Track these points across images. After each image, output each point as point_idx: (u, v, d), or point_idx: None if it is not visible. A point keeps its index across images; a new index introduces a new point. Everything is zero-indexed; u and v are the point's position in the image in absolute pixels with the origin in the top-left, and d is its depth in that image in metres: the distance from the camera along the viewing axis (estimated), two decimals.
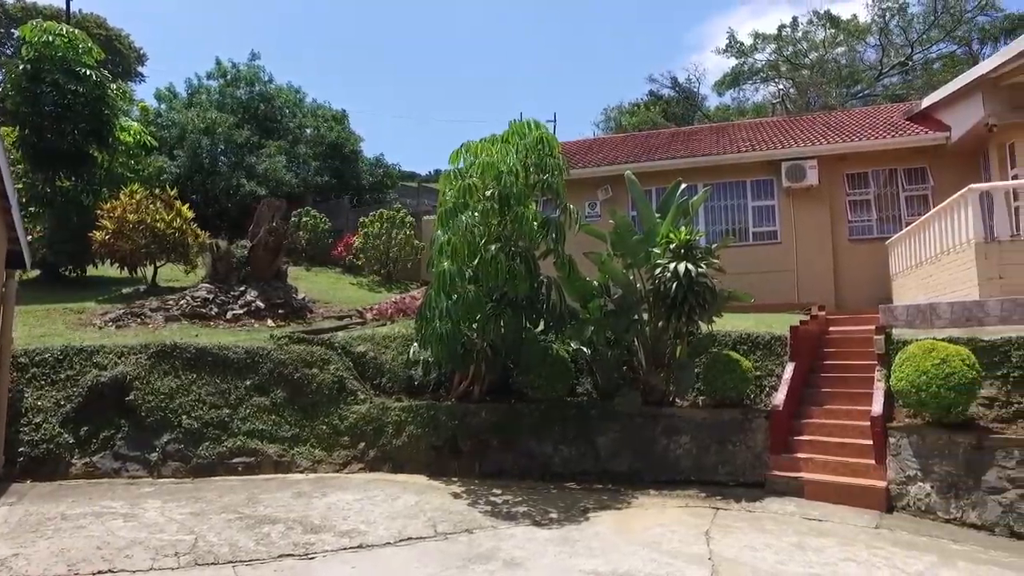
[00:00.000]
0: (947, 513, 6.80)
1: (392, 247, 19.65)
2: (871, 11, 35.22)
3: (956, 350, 7.05)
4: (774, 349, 9.29)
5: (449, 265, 8.14)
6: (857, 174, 14.90)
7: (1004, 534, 6.38)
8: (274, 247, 13.57)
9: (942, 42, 33.97)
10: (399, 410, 9.38)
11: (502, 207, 8.11)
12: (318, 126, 27.91)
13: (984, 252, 8.93)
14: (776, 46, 36.69)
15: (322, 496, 7.68)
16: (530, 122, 8.60)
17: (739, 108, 38.51)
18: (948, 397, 6.80)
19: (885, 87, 34.49)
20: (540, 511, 7.14)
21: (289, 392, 9.59)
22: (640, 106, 39.42)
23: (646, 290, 8.73)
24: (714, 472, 8.25)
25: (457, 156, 8.65)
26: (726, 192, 15.47)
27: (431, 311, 8.52)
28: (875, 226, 14.66)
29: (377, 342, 10.66)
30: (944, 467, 6.89)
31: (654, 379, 8.78)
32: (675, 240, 8.20)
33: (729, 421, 8.32)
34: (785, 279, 14.44)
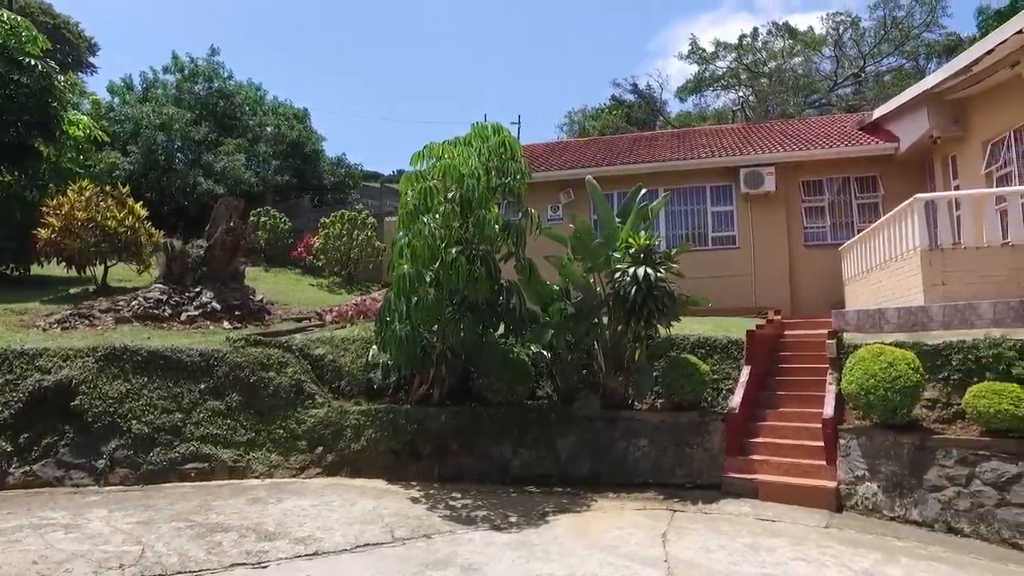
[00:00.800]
0: (892, 511, 7.02)
1: (353, 248, 19.42)
2: (826, 24, 36.29)
3: (902, 354, 7.29)
4: (731, 353, 9.46)
5: (409, 268, 8.09)
6: (812, 181, 15.30)
7: (942, 530, 6.63)
8: (232, 247, 13.28)
9: (892, 56, 35.18)
10: (358, 414, 9.26)
11: (463, 210, 8.09)
12: (279, 124, 27.42)
13: (929, 259, 9.24)
14: (736, 54, 37.44)
15: (278, 502, 7.53)
16: (493, 125, 8.60)
17: (701, 114, 39.17)
18: (894, 400, 7.03)
19: (839, 97, 35.53)
20: (499, 515, 7.13)
21: (245, 396, 9.38)
22: (604, 110, 39.79)
23: (606, 294, 8.82)
24: (672, 474, 8.36)
25: (419, 158, 8.59)
26: (687, 197, 15.72)
27: (391, 314, 8.45)
28: (829, 232, 15.06)
29: (336, 345, 10.51)
30: (890, 467, 7.12)
31: (613, 382, 8.86)
32: (635, 245, 8.29)
33: (687, 424, 8.45)
34: (743, 283, 14.74)
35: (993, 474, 6.45)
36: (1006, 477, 6.37)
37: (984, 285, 8.92)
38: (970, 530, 6.47)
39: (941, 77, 11.66)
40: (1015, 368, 6.91)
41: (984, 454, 6.55)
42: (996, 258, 9.04)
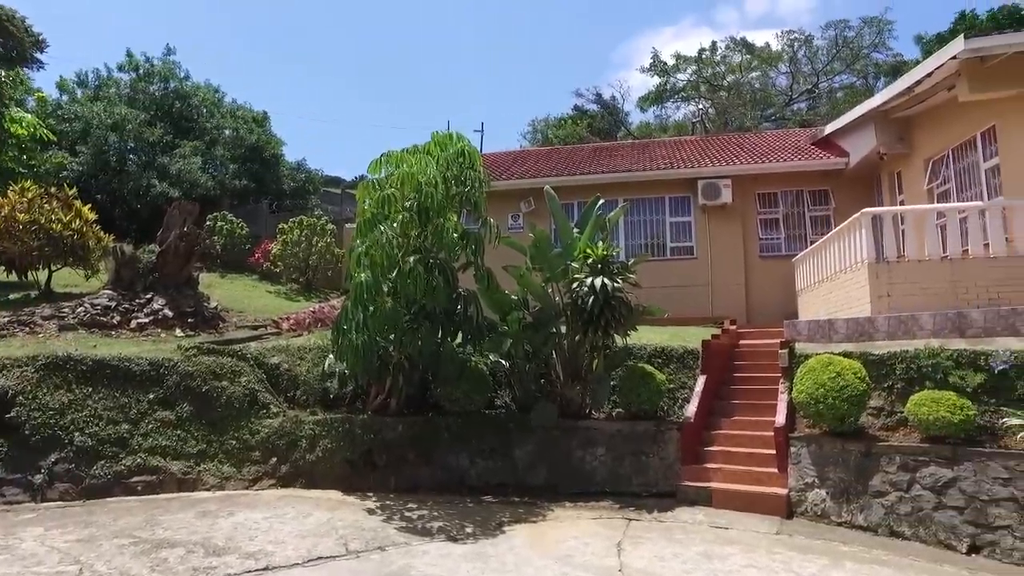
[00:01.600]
0: (839, 517, 7.22)
1: (312, 255, 19.13)
2: (781, 40, 37.34)
3: (850, 364, 7.51)
4: (687, 362, 9.61)
5: (366, 276, 8.01)
6: (768, 194, 15.68)
7: (885, 534, 6.85)
8: (185, 252, 12.94)
9: (843, 74, 36.41)
10: (313, 424, 9.11)
11: (421, 219, 8.06)
12: (237, 127, 26.86)
13: (875, 272, 9.56)
14: (697, 68, 38.23)
15: (229, 515, 7.34)
16: (453, 134, 8.60)
17: (661, 125, 39.84)
18: (842, 408, 7.23)
19: (794, 112, 36.56)
20: (456, 526, 7.09)
21: (197, 406, 9.13)
22: (567, 120, 40.13)
23: (564, 304, 8.87)
24: (628, 483, 8.43)
25: (377, 166, 8.53)
26: (646, 208, 15.94)
27: (347, 322, 8.34)
28: (783, 244, 15.44)
29: (292, 353, 10.34)
30: (838, 474, 7.32)
31: (571, 392, 8.91)
32: (592, 255, 8.37)
33: (643, 433, 8.54)
34: (700, 293, 14.99)
35: (931, 479, 6.69)
36: (943, 481, 6.62)
37: (926, 297, 9.28)
38: (910, 533, 6.70)
39: (887, 96, 12.11)
40: (952, 376, 7.18)
41: (924, 460, 6.79)
42: (936, 271, 9.41)
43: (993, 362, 7.02)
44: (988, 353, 7.16)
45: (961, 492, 6.50)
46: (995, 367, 6.99)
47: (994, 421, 6.80)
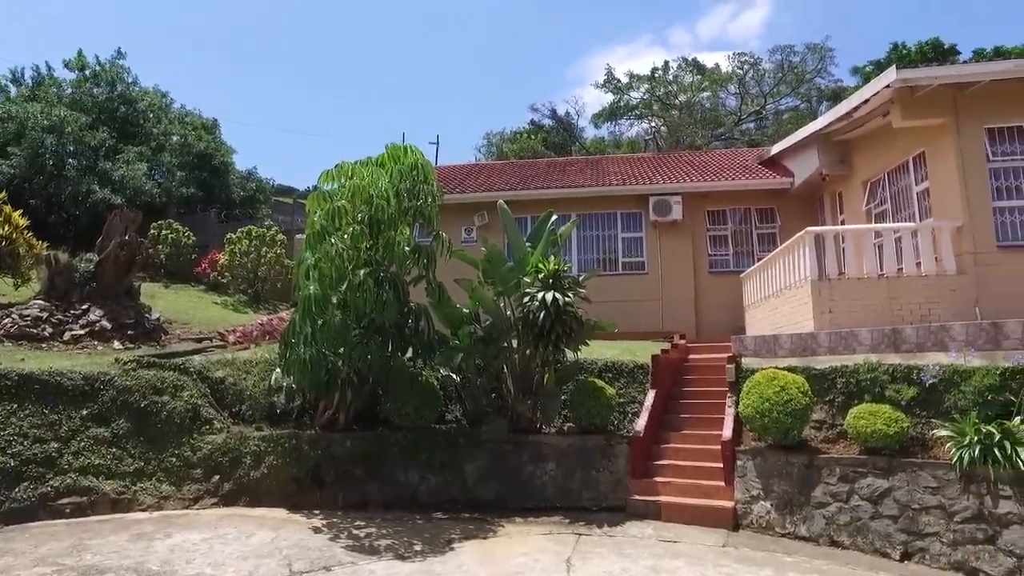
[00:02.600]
0: (783, 528, 7.38)
1: (261, 266, 18.72)
2: (731, 62, 38.59)
3: (793, 378, 7.71)
4: (637, 377, 9.71)
5: (315, 289, 7.87)
6: (717, 211, 16.06)
7: (826, 543, 7.03)
8: (126, 262, 12.48)
9: (789, 97, 37.85)
10: (259, 439, 8.85)
11: (373, 232, 7.97)
12: (186, 134, 26.15)
13: (818, 289, 9.89)
14: (650, 86, 39.13)
15: (165, 537, 7.04)
16: (406, 147, 8.55)
17: (615, 141, 40.55)
18: (786, 422, 7.41)
19: (743, 132, 37.74)
20: (404, 543, 6.97)
21: (134, 422, 8.77)
22: (522, 134, 40.48)
23: (516, 318, 8.88)
24: (578, 497, 8.44)
25: (328, 177, 8.41)
26: (598, 223, 16.12)
27: (295, 336, 8.18)
28: (732, 260, 15.80)
29: (238, 367, 10.06)
30: (782, 486, 7.49)
31: (522, 406, 8.90)
32: (544, 270, 8.41)
33: (593, 447, 8.57)
34: (651, 308, 15.21)
35: (869, 489, 6.91)
36: (879, 491, 6.84)
37: (865, 313, 9.64)
38: (849, 542, 6.90)
39: (828, 120, 12.59)
40: (888, 390, 7.46)
41: (862, 471, 7.02)
42: (874, 289, 9.80)
43: (924, 376, 7.31)
44: (920, 368, 7.46)
45: (895, 501, 6.73)
46: (926, 381, 7.28)
47: (925, 432, 7.08)
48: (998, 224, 9.94)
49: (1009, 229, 9.96)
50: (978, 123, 10.15)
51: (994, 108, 10.14)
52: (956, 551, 6.26)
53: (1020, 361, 6.82)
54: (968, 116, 10.15)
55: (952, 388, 7.15)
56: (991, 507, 6.16)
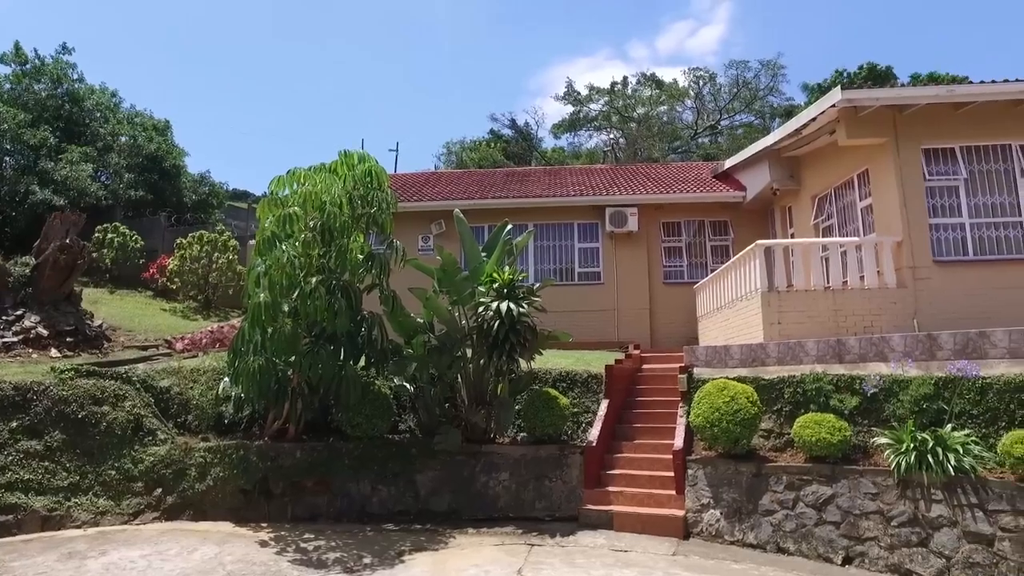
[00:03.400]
0: (732, 536, 7.49)
1: (213, 272, 18.23)
2: (688, 77, 39.48)
3: (742, 388, 7.86)
4: (591, 386, 9.76)
5: (265, 297, 7.71)
6: (672, 223, 16.34)
7: (773, 550, 7.16)
8: (66, 266, 12.00)
9: (743, 113, 38.89)
10: (205, 451, 8.61)
11: (325, 239, 7.85)
12: (135, 135, 25.33)
13: (767, 300, 10.13)
14: (609, 99, 39.71)
15: (100, 555, 6.75)
16: (360, 154, 8.46)
17: (574, 152, 40.98)
18: (735, 431, 7.55)
19: (699, 145, 38.59)
20: (353, 556, 6.84)
21: (71, 434, 8.43)
22: (482, 143, 40.58)
23: (470, 328, 8.85)
24: (531, 508, 8.43)
25: (280, 183, 8.26)
26: (555, 233, 16.22)
27: (244, 345, 8.01)
28: (686, 271, 16.08)
29: (185, 376, 9.77)
30: (731, 494, 7.61)
31: (475, 416, 8.85)
32: (499, 279, 8.41)
33: (547, 457, 8.58)
34: (607, 318, 15.35)
35: (813, 496, 7.08)
36: (823, 498, 7.01)
37: (812, 324, 9.91)
38: (795, 548, 7.04)
39: (778, 136, 12.95)
40: (832, 400, 7.67)
41: (807, 478, 7.18)
42: (820, 301, 10.09)
43: (865, 386, 7.55)
44: (862, 378, 7.70)
45: (838, 508, 6.90)
46: (867, 391, 7.52)
47: (867, 440, 7.29)
48: (934, 240, 10.37)
49: (943, 245, 10.40)
50: (916, 144, 10.59)
51: (930, 130, 10.61)
52: (893, 554, 6.46)
53: (952, 371, 7.10)
54: (907, 137, 10.59)
55: (891, 397, 7.40)
56: (924, 511, 6.38)
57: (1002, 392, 6.75)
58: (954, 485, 6.26)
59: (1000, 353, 7.28)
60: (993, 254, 10.36)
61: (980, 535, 6.04)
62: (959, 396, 6.96)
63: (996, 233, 10.43)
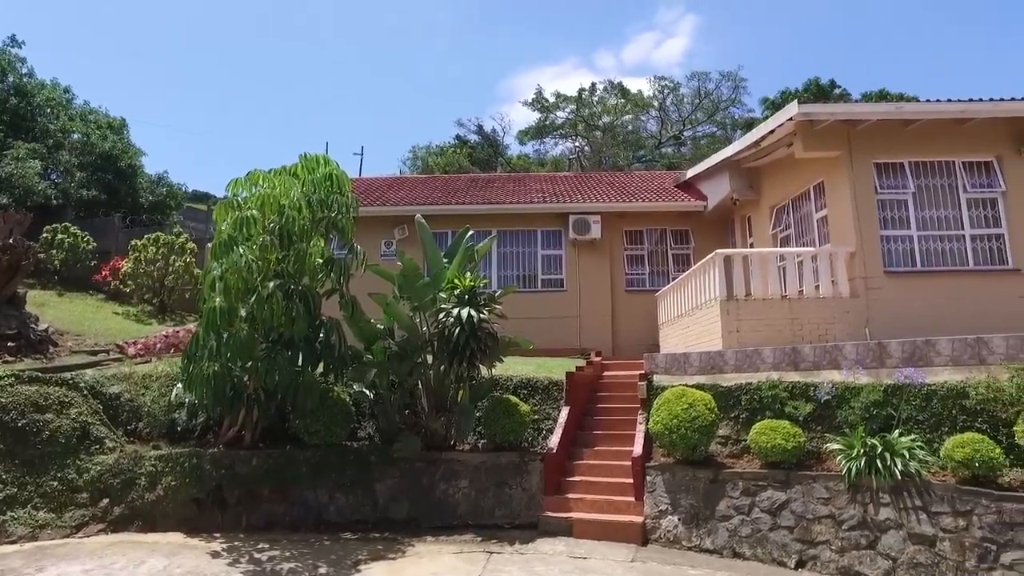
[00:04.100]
0: (690, 542, 7.57)
1: (169, 275, 17.77)
2: (653, 87, 40.08)
3: (701, 395, 7.96)
4: (552, 393, 9.78)
5: (221, 301, 7.53)
6: (634, 231, 16.49)
7: (729, 555, 7.26)
8: (9, 267, 11.53)
9: (705, 123, 39.66)
10: (156, 459, 8.36)
11: (283, 243, 7.72)
12: (88, 132, 24.58)
13: (726, 308, 10.29)
14: (576, 107, 40.05)
15: (37, 572, 6.47)
16: (321, 157, 8.36)
17: (539, 159, 41.19)
18: (693, 438, 7.63)
19: (663, 155, 39.18)
20: (309, 567, 6.71)
21: (9, 443, 8.10)
22: (448, 148, 40.51)
23: (431, 334, 8.79)
24: (491, 515, 8.39)
25: (238, 185, 8.10)
26: (519, 240, 16.23)
27: (199, 350, 7.82)
28: (648, 279, 16.23)
29: (136, 382, 9.49)
30: (689, 500, 7.69)
31: (435, 423, 8.78)
32: (460, 286, 8.38)
33: (507, 464, 8.55)
34: (569, 325, 15.41)
35: (768, 502, 7.20)
36: (778, 504, 7.14)
37: (769, 333, 10.10)
38: (750, 553, 7.15)
39: (738, 148, 13.20)
40: (787, 407, 7.82)
41: (763, 484, 7.30)
42: (777, 309, 10.30)
43: (819, 393, 7.72)
44: (816, 385, 7.87)
45: (792, 513, 7.04)
46: (821, 397, 7.69)
47: (820, 446, 7.45)
48: (885, 251, 10.69)
49: (894, 256, 10.73)
50: (868, 158, 10.92)
51: (881, 145, 10.96)
52: (843, 557, 6.61)
53: (900, 379, 7.32)
54: (859, 151, 10.91)
55: (843, 404, 7.57)
56: (873, 514, 6.55)
57: (945, 398, 6.98)
58: (901, 489, 6.44)
59: (944, 361, 7.54)
60: (939, 265, 10.74)
61: (923, 536, 6.23)
62: (906, 402, 7.17)
63: (941, 245, 10.81)
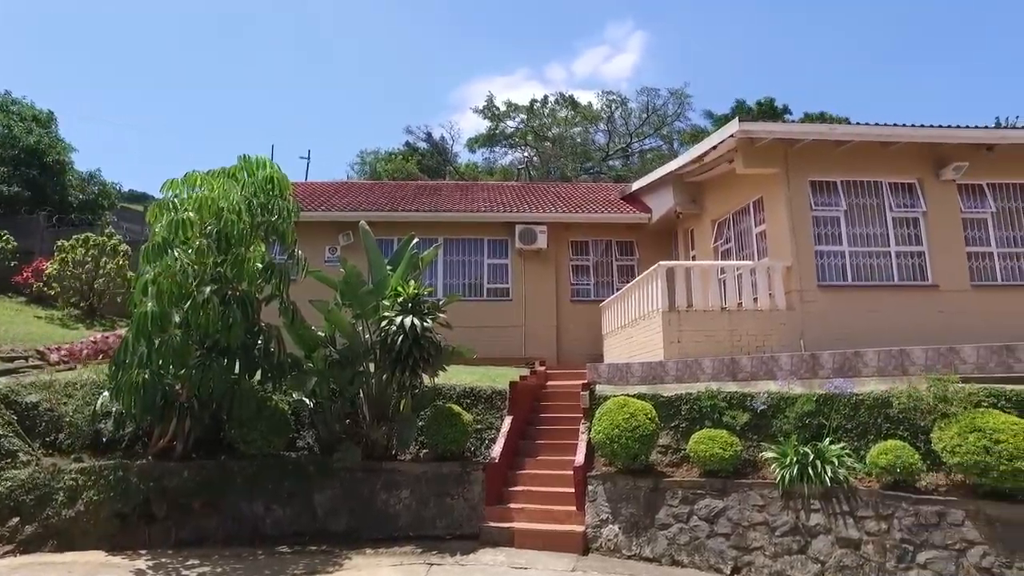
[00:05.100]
0: (630, 550, 7.63)
1: (99, 277, 16.96)
2: (601, 100, 40.75)
3: (642, 405, 8.06)
4: (495, 403, 9.73)
5: (153, 306, 7.22)
6: (580, 242, 16.68)
7: (668, 563, 7.36)
8: None
9: (652, 137, 40.55)
10: (77, 472, 7.91)
11: (221, 247, 7.47)
12: (11, 124, 23.30)
13: (668, 319, 10.50)
14: (526, 117, 40.35)
15: None
16: (261, 159, 8.14)
17: (489, 168, 41.30)
18: (634, 447, 7.71)
19: (610, 167, 39.82)
20: None
21: None
22: (397, 155, 40.19)
23: (373, 342, 8.65)
24: (432, 526, 8.28)
25: (174, 186, 7.80)
26: (465, 248, 16.19)
27: (128, 356, 7.47)
28: (593, 289, 16.43)
29: (57, 390, 8.98)
30: (629, 509, 7.76)
31: (377, 433, 8.64)
32: (404, 294, 8.28)
33: (448, 474, 8.47)
34: (515, 334, 15.44)
35: (706, 510, 7.34)
36: (715, 511, 7.29)
37: (709, 344, 10.35)
38: (688, 561, 7.26)
39: (682, 162, 13.54)
40: (725, 416, 7.99)
41: (701, 492, 7.44)
42: (717, 321, 10.57)
43: (755, 403, 7.93)
44: (753, 395, 8.08)
45: (728, 520, 7.19)
46: (757, 407, 7.90)
47: (756, 455, 7.64)
48: (819, 266, 11.13)
49: (827, 271, 11.18)
50: (804, 176, 11.37)
51: (816, 164, 11.43)
52: (776, 562, 6.79)
53: (830, 389, 7.60)
54: (796, 169, 11.35)
55: (779, 413, 7.79)
56: (804, 520, 6.76)
57: (871, 407, 7.27)
58: (830, 495, 6.67)
59: (871, 371, 7.87)
60: (868, 280, 11.25)
61: (850, 540, 6.48)
62: (836, 411, 7.43)
63: (870, 261, 11.34)
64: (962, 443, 6.05)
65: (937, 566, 6.03)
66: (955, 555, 6.00)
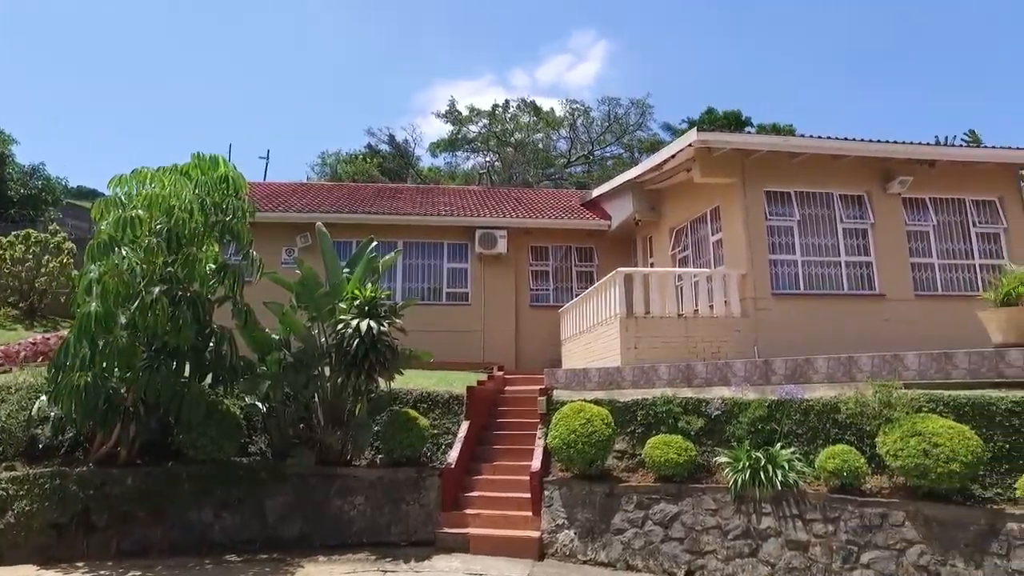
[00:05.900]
0: (585, 555, 7.65)
1: (40, 276, 16.29)
2: (564, 108, 41.05)
3: (598, 411, 8.11)
4: (452, 407, 9.67)
5: (97, 307, 6.95)
6: (540, 247, 16.73)
7: (623, 568, 7.40)
8: None
9: (613, 145, 41.02)
10: (8, 481, 7.54)
11: (171, 246, 7.24)
12: None
13: (626, 325, 10.59)
14: (489, 122, 40.35)
15: None
16: (216, 157, 7.93)
17: (451, 172, 41.16)
18: (590, 453, 7.75)
19: (572, 174, 40.11)
20: None
21: None
22: (358, 157, 39.74)
23: (329, 345, 8.50)
24: (387, 532, 8.17)
25: (122, 182, 7.54)
26: (425, 252, 16.07)
27: (69, 359, 7.18)
28: (552, 295, 16.48)
29: None
30: (585, 514, 7.79)
31: (331, 437, 8.48)
32: (360, 297, 8.17)
33: (404, 480, 8.37)
34: (474, 339, 15.37)
35: (661, 514, 7.41)
36: (670, 516, 7.37)
37: (666, 350, 10.48)
38: (643, 565, 7.32)
39: (642, 170, 13.72)
40: (680, 421, 8.10)
41: (656, 497, 7.51)
42: (674, 327, 10.71)
43: (710, 409, 8.06)
44: (707, 400, 8.21)
45: (683, 524, 7.28)
46: (711, 413, 8.03)
47: (710, 460, 7.76)
48: (773, 274, 11.40)
49: (781, 279, 11.47)
50: (760, 186, 11.64)
51: (772, 174, 11.72)
52: (728, 565, 6.90)
53: (782, 395, 7.77)
54: (752, 179, 11.62)
55: (732, 419, 7.93)
56: (756, 523, 6.89)
57: (821, 413, 7.46)
58: (780, 499, 6.82)
59: (821, 378, 8.08)
60: (820, 289, 11.57)
61: (799, 542, 6.63)
62: (787, 417, 7.61)
63: (822, 271, 11.67)
64: (904, 447, 6.25)
65: (879, 565, 6.22)
66: (896, 555, 6.20)
